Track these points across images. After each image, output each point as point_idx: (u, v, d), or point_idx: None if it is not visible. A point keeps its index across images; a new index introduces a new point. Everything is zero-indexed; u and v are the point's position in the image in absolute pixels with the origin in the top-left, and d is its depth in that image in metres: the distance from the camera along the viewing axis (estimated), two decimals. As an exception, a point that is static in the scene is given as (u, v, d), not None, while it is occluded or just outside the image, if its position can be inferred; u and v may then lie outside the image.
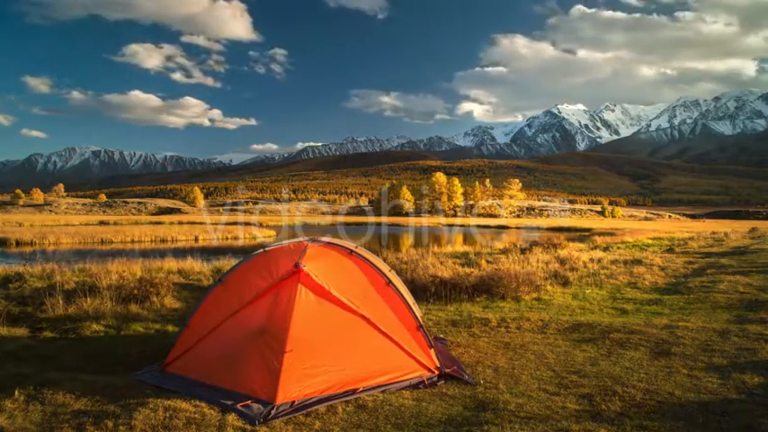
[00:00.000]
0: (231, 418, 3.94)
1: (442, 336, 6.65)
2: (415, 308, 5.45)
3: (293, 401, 4.17)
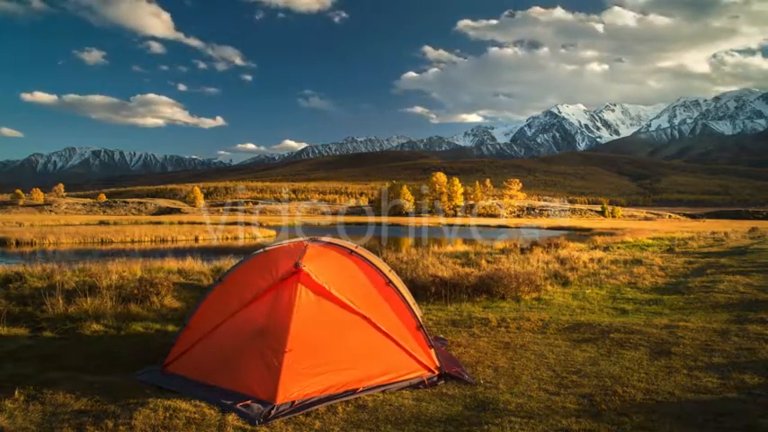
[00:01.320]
0: (231, 417, 3.94)
1: (442, 336, 6.65)
2: (415, 308, 5.46)
3: (293, 401, 4.17)
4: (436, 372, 4.90)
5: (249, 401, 4.15)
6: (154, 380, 4.77)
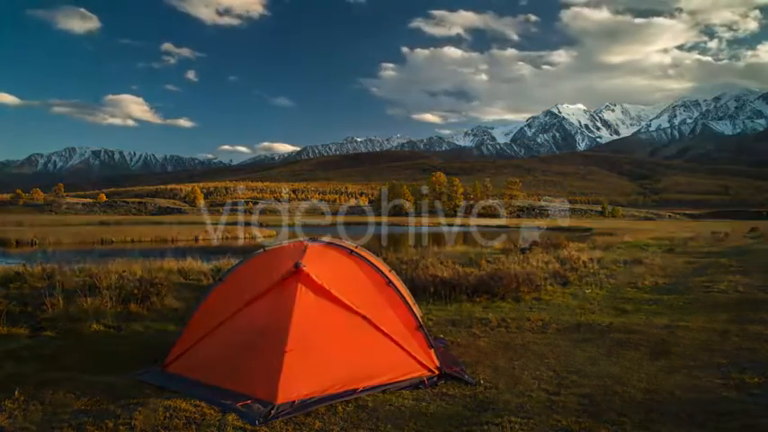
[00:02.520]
0: (231, 417, 3.94)
1: (441, 336, 6.65)
2: (415, 308, 5.46)
3: (293, 401, 4.16)
4: (436, 372, 4.90)
5: (249, 401, 4.15)
6: (154, 380, 4.77)
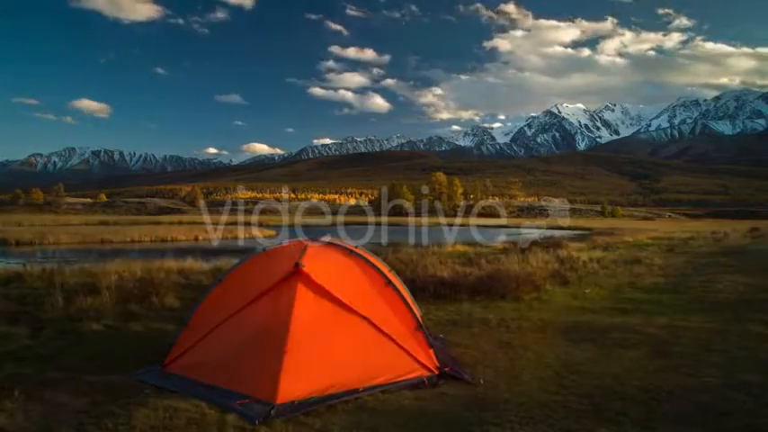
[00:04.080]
0: (231, 417, 3.94)
1: (442, 335, 6.65)
2: (415, 308, 5.46)
3: (293, 401, 4.16)
4: (436, 372, 4.90)
5: (249, 401, 4.14)
6: (154, 380, 4.77)
